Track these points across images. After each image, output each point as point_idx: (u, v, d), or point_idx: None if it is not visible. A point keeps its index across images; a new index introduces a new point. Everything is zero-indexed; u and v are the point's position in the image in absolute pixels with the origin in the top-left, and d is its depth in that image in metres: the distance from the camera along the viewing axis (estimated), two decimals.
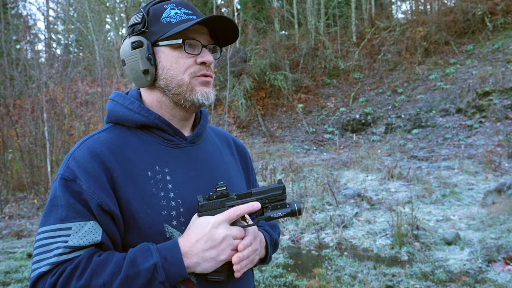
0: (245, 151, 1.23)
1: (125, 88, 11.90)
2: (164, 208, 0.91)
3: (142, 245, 0.85)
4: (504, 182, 5.87)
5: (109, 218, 0.87)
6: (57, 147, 9.80)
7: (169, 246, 0.85)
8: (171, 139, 0.99)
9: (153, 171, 0.93)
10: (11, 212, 6.92)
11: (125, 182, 0.89)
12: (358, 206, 6.12)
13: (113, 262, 0.82)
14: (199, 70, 0.96)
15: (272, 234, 1.11)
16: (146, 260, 0.82)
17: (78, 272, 0.81)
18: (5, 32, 13.59)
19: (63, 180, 0.87)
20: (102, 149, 0.90)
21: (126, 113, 0.97)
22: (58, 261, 0.82)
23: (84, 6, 18.16)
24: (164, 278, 0.82)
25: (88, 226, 0.84)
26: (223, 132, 1.22)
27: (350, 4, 20.42)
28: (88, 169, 0.87)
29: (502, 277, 3.54)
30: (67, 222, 0.84)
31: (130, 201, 0.88)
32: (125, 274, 0.80)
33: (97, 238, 0.85)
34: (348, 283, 3.63)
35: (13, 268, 4.26)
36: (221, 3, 23.12)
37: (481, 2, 16.40)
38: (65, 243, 0.83)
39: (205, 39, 0.98)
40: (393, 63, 17.12)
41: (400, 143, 12.23)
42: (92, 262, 0.82)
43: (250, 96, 17.48)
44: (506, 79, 12.76)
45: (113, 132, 0.96)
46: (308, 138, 14.82)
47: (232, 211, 0.89)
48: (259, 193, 0.93)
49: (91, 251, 0.85)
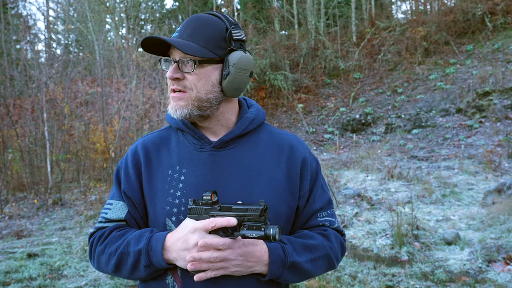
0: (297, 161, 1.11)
1: (125, 88, 11.89)
2: (168, 204, 1.03)
3: (141, 231, 1.03)
4: (504, 182, 5.87)
5: (131, 202, 1.08)
6: (57, 147, 9.79)
7: (157, 237, 0.99)
8: (197, 143, 1.08)
9: (173, 170, 1.07)
10: (11, 212, 6.92)
11: (149, 177, 1.08)
12: (358, 206, 6.12)
13: (122, 238, 1.03)
14: (169, 84, 1.05)
15: (289, 256, 1.01)
16: (136, 244, 0.99)
17: (102, 238, 1.06)
18: (5, 32, 13.59)
19: (117, 167, 1.14)
20: (142, 147, 1.11)
21: (170, 117, 1.12)
22: (98, 226, 1.10)
23: (84, 6, 18.16)
24: (148, 263, 0.98)
25: (119, 205, 1.09)
26: (283, 137, 1.15)
27: (350, 4, 20.41)
28: (128, 163, 1.11)
29: (502, 277, 3.54)
30: (113, 199, 1.11)
31: (147, 192, 1.07)
32: (121, 252, 1.01)
33: (122, 216, 1.08)
34: (348, 283, 3.63)
35: (13, 268, 4.26)
36: (221, 3, 23.12)
37: (481, 2, 16.40)
38: (105, 214, 1.09)
39: (178, 54, 1.03)
40: (393, 63, 17.12)
41: (400, 143, 12.23)
42: (111, 235, 1.06)
43: (250, 96, 17.49)
44: (506, 79, 12.76)
45: (164, 132, 1.15)
46: (308, 138, 14.82)
47: (208, 222, 0.92)
48: (238, 210, 0.93)
49: (117, 225, 1.08)
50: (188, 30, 1.02)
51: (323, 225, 1.13)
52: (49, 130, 9.13)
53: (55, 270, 4.23)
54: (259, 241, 0.99)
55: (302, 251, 1.04)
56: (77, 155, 10.07)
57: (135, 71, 11.85)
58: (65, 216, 6.77)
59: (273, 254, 1.00)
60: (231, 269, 0.96)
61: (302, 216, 1.12)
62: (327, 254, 1.08)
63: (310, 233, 1.10)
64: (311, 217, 1.13)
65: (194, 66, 1.01)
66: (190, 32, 1.02)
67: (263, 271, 1.00)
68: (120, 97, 11.58)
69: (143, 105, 11.33)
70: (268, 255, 0.99)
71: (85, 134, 10.80)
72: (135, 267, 1.00)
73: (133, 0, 20.38)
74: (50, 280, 3.93)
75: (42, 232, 5.82)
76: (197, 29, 1.02)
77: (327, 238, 1.10)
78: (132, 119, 10.23)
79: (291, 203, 1.08)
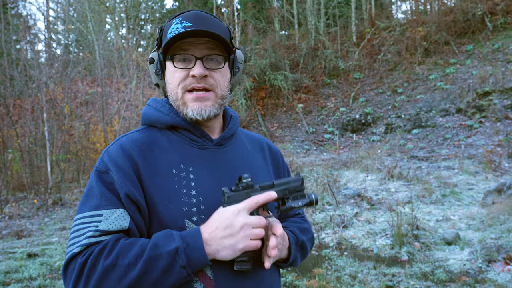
0: (278, 155, 1.22)
1: (125, 88, 11.89)
2: (185, 204, 0.95)
3: (166, 231, 0.89)
4: (504, 182, 5.87)
5: (136, 207, 0.93)
6: (57, 147, 9.80)
7: (191, 233, 0.89)
8: (198, 140, 1.03)
9: (178, 169, 0.98)
10: (11, 212, 6.92)
11: (150, 177, 0.95)
12: (358, 206, 6.12)
13: (138, 244, 0.87)
14: (190, 83, 0.97)
15: (298, 236, 1.09)
16: (169, 244, 0.86)
17: (105, 252, 0.86)
18: (5, 32, 13.59)
19: (98, 172, 0.95)
20: (133, 146, 0.98)
21: (157, 115, 1.04)
22: (88, 242, 0.88)
23: (84, 6, 18.17)
24: (185, 263, 0.85)
25: (117, 213, 0.90)
26: (258, 137, 1.23)
27: (350, 4, 20.41)
28: (119, 163, 0.94)
29: (502, 277, 3.54)
30: (99, 210, 0.91)
31: (153, 195, 0.94)
32: (148, 256, 0.84)
33: (125, 225, 0.90)
34: (348, 283, 3.63)
35: (13, 268, 4.26)
36: (221, 3, 23.11)
37: (481, 2, 16.40)
38: (95, 227, 0.89)
39: (201, 51, 0.97)
40: (393, 63, 17.12)
41: (400, 143, 12.23)
42: (119, 244, 0.87)
43: (250, 96, 17.48)
44: (506, 79, 12.76)
45: (145, 132, 1.04)
46: (308, 138, 14.82)
47: (251, 200, 0.91)
48: (280, 184, 0.97)
49: (118, 236, 0.90)
50: (205, 25, 0.96)
51: (299, 213, 1.23)
52: (49, 130, 9.13)
53: (55, 270, 4.23)
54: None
55: (302, 233, 1.13)
56: (77, 155, 10.08)
57: (135, 71, 11.85)
58: (65, 216, 6.77)
59: (290, 236, 1.06)
60: (283, 251, 1.01)
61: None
62: (313, 236, 1.22)
63: (297, 219, 1.21)
64: None
65: (224, 62, 1.00)
66: (209, 27, 0.96)
67: (285, 255, 1.05)
68: (120, 97, 11.59)
69: (143, 105, 11.33)
70: (288, 237, 1.05)
71: (85, 134, 10.81)
72: (167, 271, 0.85)
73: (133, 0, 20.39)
74: (50, 280, 3.93)
75: (42, 232, 5.82)
76: (212, 26, 0.97)
77: (307, 222, 1.23)
78: (132, 119, 10.23)
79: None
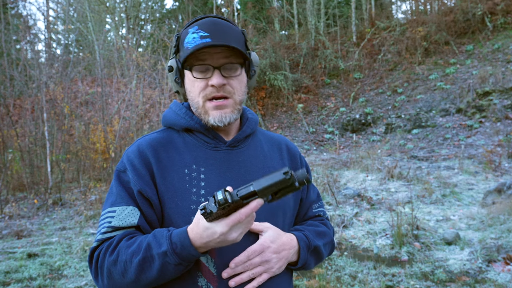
0: (296, 155, 1.22)
1: (125, 88, 11.89)
2: (194, 202, 1.00)
3: (161, 230, 0.93)
4: (504, 182, 5.87)
5: (148, 204, 0.99)
6: (57, 147, 9.80)
7: (179, 233, 0.91)
8: (211, 142, 1.07)
9: (190, 169, 1.03)
10: (11, 212, 6.92)
11: (162, 176, 1.01)
12: (358, 206, 6.12)
13: (136, 243, 0.92)
14: (210, 93, 1.01)
15: (311, 240, 1.08)
16: (159, 246, 0.90)
17: (111, 248, 0.94)
18: (5, 32, 13.59)
19: (117, 171, 1.04)
20: (148, 146, 1.05)
21: (174, 118, 1.10)
22: (102, 238, 0.97)
23: (84, 6, 18.18)
24: (178, 261, 0.89)
25: (128, 210, 0.98)
26: (277, 137, 1.23)
27: (350, 4, 20.41)
28: (135, 163, 1.02)
29: (502, 277, 3.54)
30: (115, 207, 0.99)
31: (165, 192, 1.00)
32: (142, 256, 0.90)
33: (134, 221, 0.97)
34: (348, 283, 3.63)
35: (13, 268, 4.26)
36: (221, 3, 23.12)
37: (481, 2, 16.40)
38: (109, 224, 0.97)
39: (218, 60, 1.00)
40: (393, 63, 17.12)
41: (400, 143, 12.23)
42: (123, 241, 0.94)
43: (250, 96, 17.48)
44: (506, 79, 12.76)
45: (163, 133, 1.10)
46: (308, 138, 14.82)
47: (233, 219, 0.83)
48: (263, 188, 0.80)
49: (127, 232, 0.97)
50: (221, 34, 0.99)
51: (319, 215, 1.22)
52: (49, 130, 9.13)
53: (55, 270, 4.23)
54: (278, 230, 1.02)
55: (318, 237, 1.13)
56: (77, 155, 10.08)
57: (135, 71, 11.85)
58: (65, 216, 6.77)
59: (300, 240, 1.06)
60: (274, 268, 1.00)
61: (303, 208, 1.20)
62: (332, 240, 1.19)
63: (314, 222, 1.19)
64: (308, 209, 1.21)
65: (241, 70, 1.04)
66: (225, 36, 0.99)
67: (294, 259, 1.06)
68: (120, 97, 11.58)
69: (143, 105, 11.33)
70: (297, 241, 1.06)
71: (85, 134, 10.81)
72: (163, 270, 0.90)
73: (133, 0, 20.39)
74: (50, 280, 3.93)
75: (42, 232, 5.82)
76: (228, 34, 1.00)
77: (327, 226, 1.21)
78: (132, 119, 10.23)
79: (298, 195, 1.17)
